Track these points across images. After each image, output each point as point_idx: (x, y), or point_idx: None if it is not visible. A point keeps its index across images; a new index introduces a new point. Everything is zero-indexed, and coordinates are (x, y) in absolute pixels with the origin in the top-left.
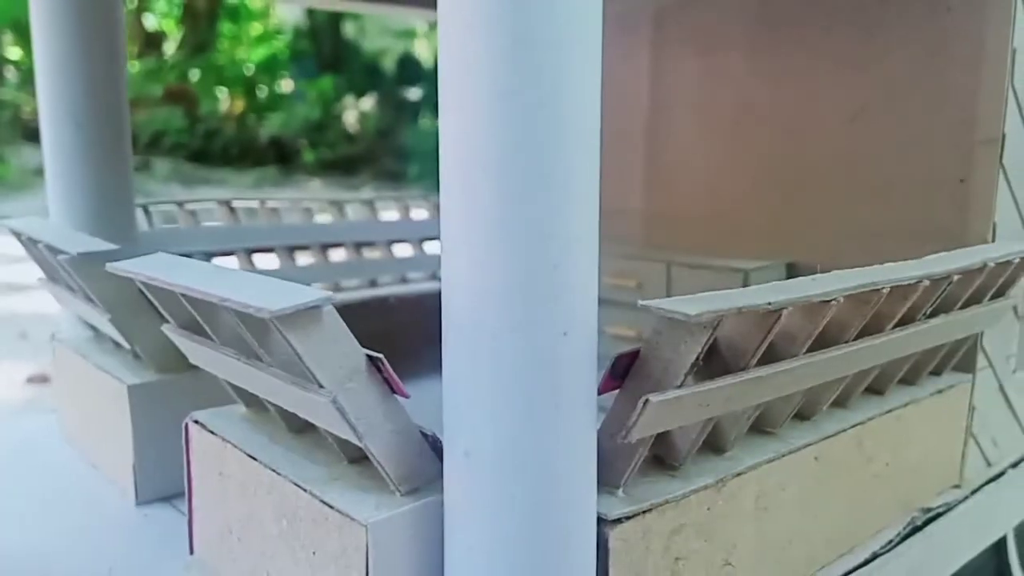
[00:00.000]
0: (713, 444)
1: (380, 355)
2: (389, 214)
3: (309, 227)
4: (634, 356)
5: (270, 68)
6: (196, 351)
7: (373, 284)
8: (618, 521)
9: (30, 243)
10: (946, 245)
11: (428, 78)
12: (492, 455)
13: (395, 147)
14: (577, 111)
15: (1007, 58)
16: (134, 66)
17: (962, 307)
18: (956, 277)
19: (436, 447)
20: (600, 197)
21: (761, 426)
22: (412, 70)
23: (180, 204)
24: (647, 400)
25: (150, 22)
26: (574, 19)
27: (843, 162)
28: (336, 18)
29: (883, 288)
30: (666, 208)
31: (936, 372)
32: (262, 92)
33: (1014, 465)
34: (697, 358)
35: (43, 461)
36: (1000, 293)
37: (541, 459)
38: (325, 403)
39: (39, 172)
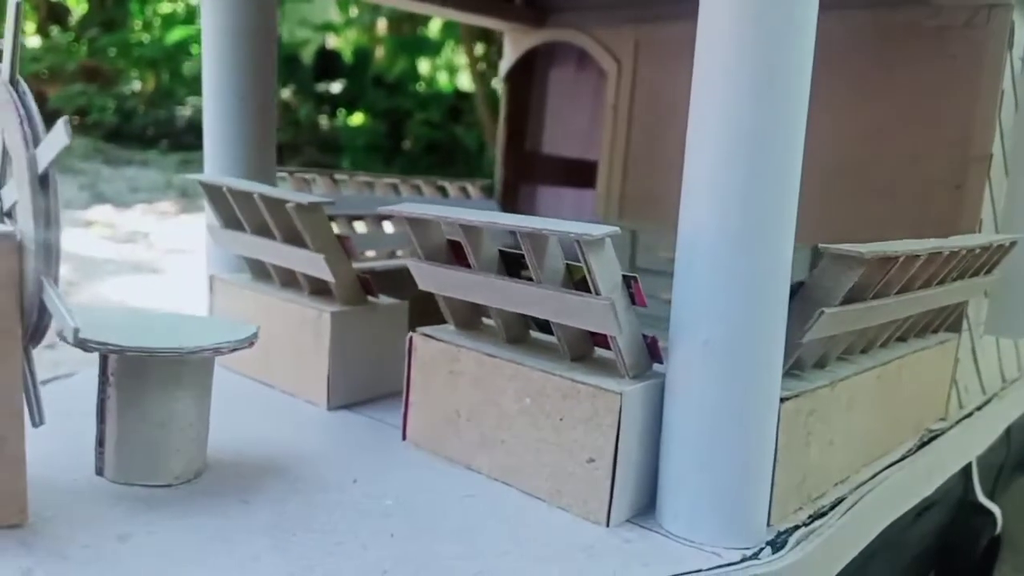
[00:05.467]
0: (818, 363)
1: (634, 275)
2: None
3: (395, 199)
4: (801, 284)
5: (185, 51)
6: (443, 276)
7: None
8: (786, 399)
9: (229, 193)
10: (943, 236)
11: (347, 72)
12: (725, 343)
13: (318, 138)
14: (794, 124)
15: (997, 96)
16: (38, 40)
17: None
18: (977, 249)
19: (650, 346)
20: (652, 188)
21: (842, 356)
22: (331, 64)
23: (291, 173)
24: (822, 312)
25: None
26: (800, 62)
27: (862, 168)
28: None
29: (945, 251)
30: None
31: (935, 330)
32: (178, 74)
33: (978, 408)
34: (851, 287)
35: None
36: (989, 270)
37: (757, 347)
38: (602, 306)
39: None
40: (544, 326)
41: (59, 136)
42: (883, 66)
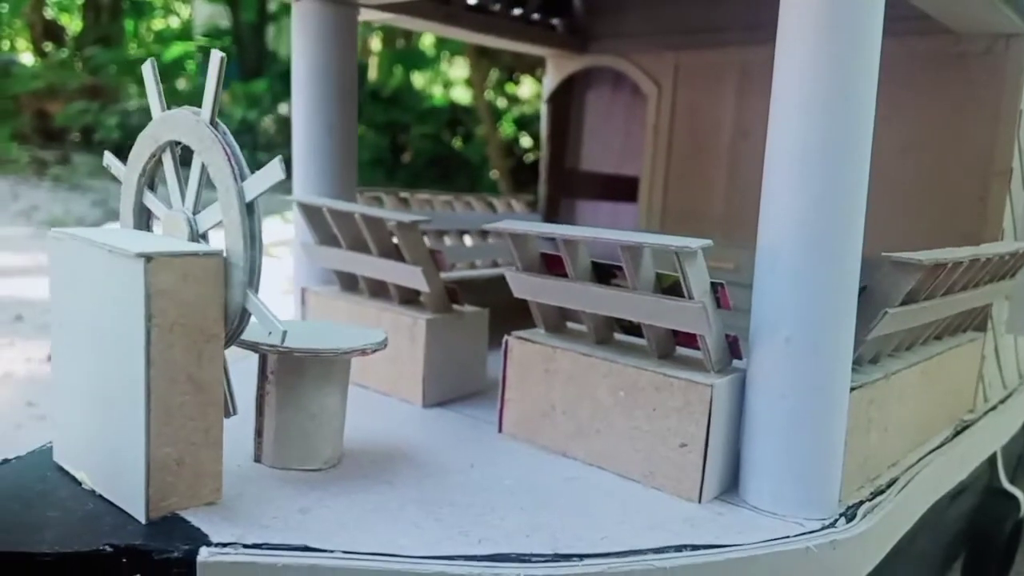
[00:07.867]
0: (873, 359)
1: (721, 281)
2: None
3: (452, 216)
4: (864, 287)
5: (181, 67)
6: (541, 285)
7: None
8: (854, 389)
9: (329, 213)
10: (969, 244)
11: None
12: (803, 340)
13: None
14: (861, 144)
15: (1016, 116)
16: (38, 57)
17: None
18: (1007, 256)
19: (731, 344)
20: (692, 204)
21: (891, 352)
22: None
23: (361, 192)
24: (886, 312)
25: (50, 14)
26: (866, 89)
27: (892, 182)
28: (261, 21)
29: (982, 258)
30: (743, 213)
31: (965, 330)
32: (174, 91)
33: (1002, 401)
34: (908, 291)
35: None
36: (1013, 275)
37: (831, 344)
38: (696, 309)
39: None
40: (627, 328)
41: (274, 171)
42: (912, 90)
